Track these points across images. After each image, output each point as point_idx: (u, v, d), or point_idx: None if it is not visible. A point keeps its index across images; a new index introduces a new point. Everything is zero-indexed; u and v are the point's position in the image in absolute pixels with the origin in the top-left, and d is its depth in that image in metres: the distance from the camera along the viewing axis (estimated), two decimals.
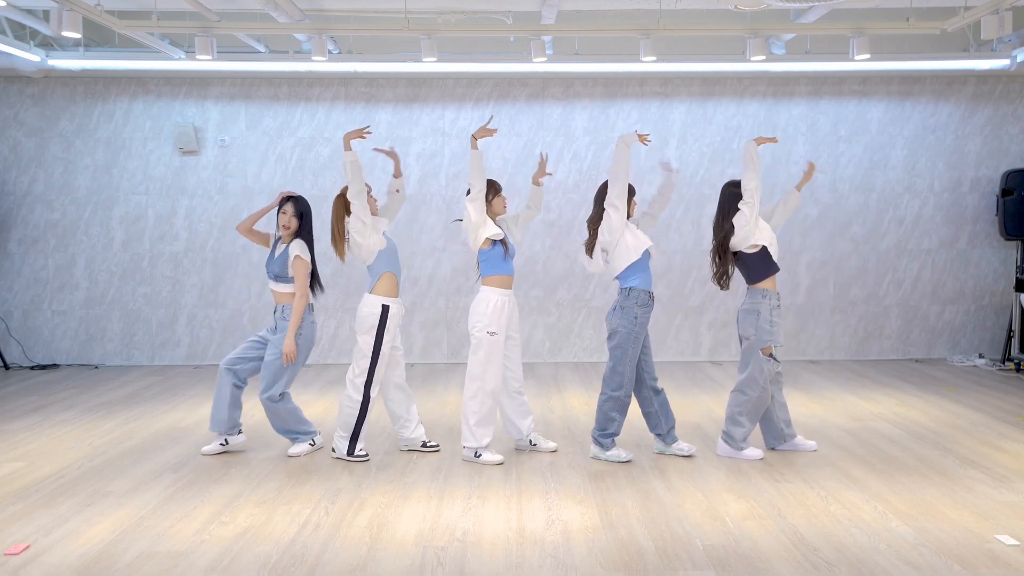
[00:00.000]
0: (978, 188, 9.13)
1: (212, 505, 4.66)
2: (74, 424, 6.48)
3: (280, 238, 5.57)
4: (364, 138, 5.44)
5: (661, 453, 5.58)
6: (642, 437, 5.86)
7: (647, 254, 5.39)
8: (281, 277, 5.48)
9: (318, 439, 5.71)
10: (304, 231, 5.52)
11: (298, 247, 5.45)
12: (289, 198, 5.51)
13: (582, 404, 7.06)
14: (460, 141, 9.02)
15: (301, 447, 5.61)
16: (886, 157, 9.12)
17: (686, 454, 5.53)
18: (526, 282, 8.91)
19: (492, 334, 5.36)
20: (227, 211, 9.00)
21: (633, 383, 5.41)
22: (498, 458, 5.40)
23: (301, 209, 5.50)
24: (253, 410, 6.68)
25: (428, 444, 5.68)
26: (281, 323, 5.49)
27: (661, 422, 5.52)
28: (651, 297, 5.39)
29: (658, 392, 5.50)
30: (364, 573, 3.80)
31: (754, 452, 5.48)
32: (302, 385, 7.85)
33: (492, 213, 5.53)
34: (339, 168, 9.00)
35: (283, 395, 5.50)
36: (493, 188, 5.54)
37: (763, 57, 7.15)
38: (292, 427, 5.62)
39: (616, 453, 5.42)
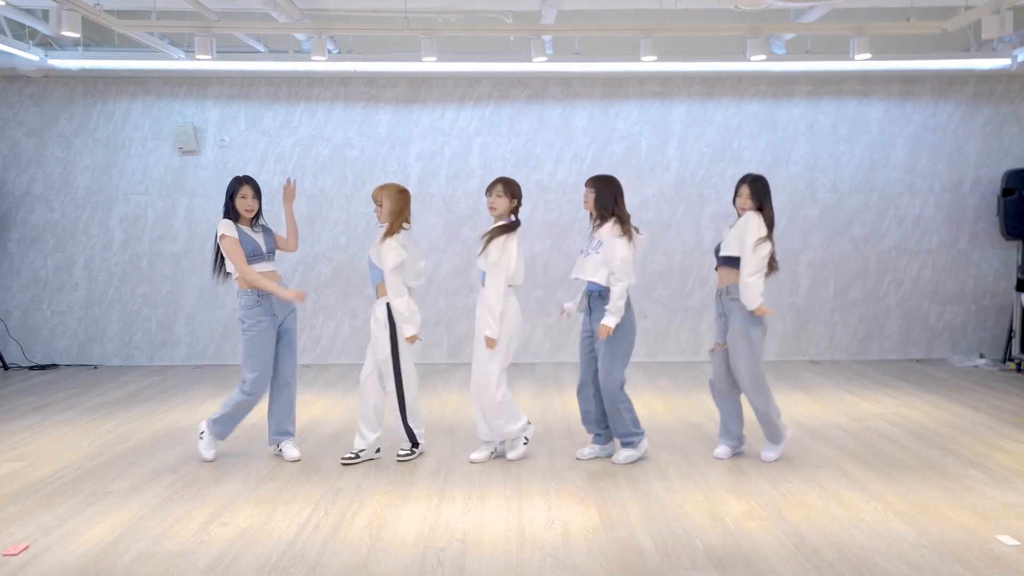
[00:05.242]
0: (979, 188, 9.13)
1: (212, 505, 4.66)
2: (74, 424, 6.47)
3: (239, 223, 5.41)
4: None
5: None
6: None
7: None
8: (274, 254, 5.50)
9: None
10: (261, 209, 5.53)
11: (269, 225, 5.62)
12: (245, 180, 5.39)
13: None
14: (460, 141, 9.02)
15: (294, 449, 5.58)
16: (886, 157, 9.12)
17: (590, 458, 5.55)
18: (526, 282, 8.87)
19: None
20: None
21: (580, 378, 5.47)
22: (473, 456, 5.46)
23: (258, 189, 5.45)
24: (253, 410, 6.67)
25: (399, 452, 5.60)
26: (283, 303, 5.43)
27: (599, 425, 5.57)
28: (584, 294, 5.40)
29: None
30: (364, 573, 3.80)
31: (719, 450, 5.54)
32: (302, 385, 7.84)
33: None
34: (338, 168, 9.00)
35: None
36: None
37: (763, 57, 7.15)
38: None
39: (580, 450, 5.54)
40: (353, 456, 5.44)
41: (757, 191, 5.30)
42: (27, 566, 3.87)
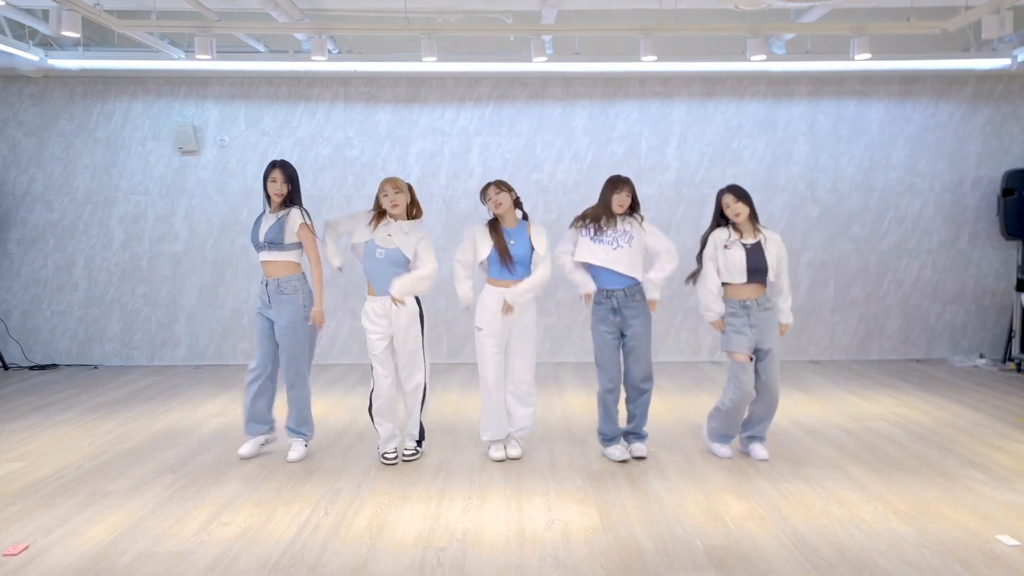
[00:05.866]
0: (979, 188, 9.13)
1: (212, 505, 4.66)
2: (74, 424, 6.47)
3: (268, 209, 5.43)
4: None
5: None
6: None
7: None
8: (276, 244, 5.30)
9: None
10: (296, 197, 5.41)
11: (300, 215, 5.36)
12: (276, 164, 5.38)
13: (582, 404, 7.05)
14: (460, 141, 9.02)
15: (300, 449, 5.56)
16: (887, 157, 9.12)
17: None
18: None
19: (479, 329, 5.45)
20: (227, 211, 8.99)
21: (608, 376, 5.40)
22: (497, 455, 5.46)
23: (290, 174, 5.38)
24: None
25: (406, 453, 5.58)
26: (277, 297, 5.34)
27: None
28: (605, 294, 5.41)
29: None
30: (364, 573, 3.80)
31: (719, 449, 5.54)
32: None
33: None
34: (338, 168, 9.01)
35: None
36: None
37: (763, 57, 7.14)
38: (307, 418, 5.58)
39: (608, 451, 5.48)
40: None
41: (743, 195, 5.38)
42: (27, 566, 3.87)
